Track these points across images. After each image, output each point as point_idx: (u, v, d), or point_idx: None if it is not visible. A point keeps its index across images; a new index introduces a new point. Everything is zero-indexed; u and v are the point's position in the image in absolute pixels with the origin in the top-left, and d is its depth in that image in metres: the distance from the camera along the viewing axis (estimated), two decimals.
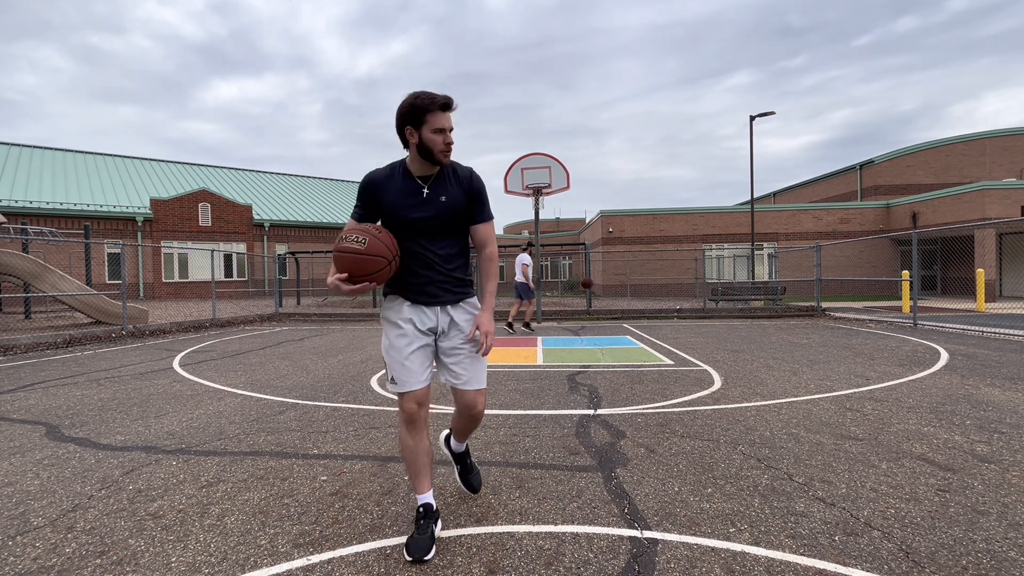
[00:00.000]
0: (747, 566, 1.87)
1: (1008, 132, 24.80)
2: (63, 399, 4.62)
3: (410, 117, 1.95)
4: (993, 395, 4.39)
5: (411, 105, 1.95)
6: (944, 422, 3.62)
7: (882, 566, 1.85)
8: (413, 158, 2.03)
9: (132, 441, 3.41)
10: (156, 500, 2.49)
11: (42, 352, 7.80)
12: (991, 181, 21.32)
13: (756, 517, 2.24)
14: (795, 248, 16.96)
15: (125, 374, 5.86)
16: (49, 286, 10.60)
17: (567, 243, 26.16)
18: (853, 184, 26.95)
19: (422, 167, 2.03)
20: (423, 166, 2.03)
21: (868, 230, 22.11)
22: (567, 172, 12.18)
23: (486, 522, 2.24)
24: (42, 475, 2.83)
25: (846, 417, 3.76)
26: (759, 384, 4.94)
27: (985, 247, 17.44)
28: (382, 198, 2.03)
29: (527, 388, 4.88)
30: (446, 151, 1.98)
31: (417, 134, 1.96)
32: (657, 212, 22.78)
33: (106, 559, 1.97)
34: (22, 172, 23.63)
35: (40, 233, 16.31)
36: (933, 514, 2.25)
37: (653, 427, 3.58)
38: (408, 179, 2.03)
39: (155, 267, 23.20)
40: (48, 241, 11.12)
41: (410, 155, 2.04)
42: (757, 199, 35.29)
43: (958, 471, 2.73)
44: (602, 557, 1.94)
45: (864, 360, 6.26)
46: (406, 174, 2.04)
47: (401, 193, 2.01)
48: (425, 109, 1.93)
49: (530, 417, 3.88)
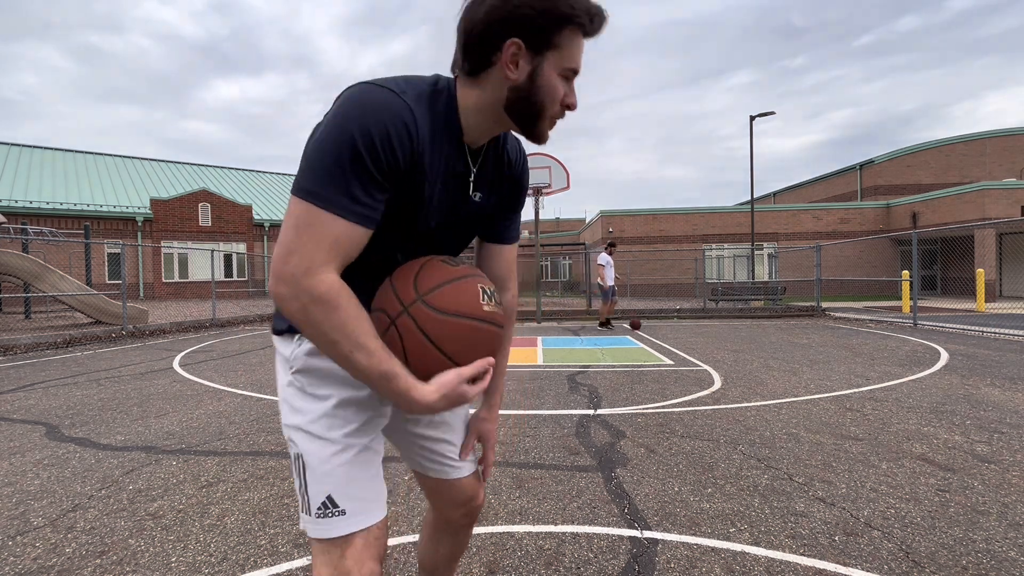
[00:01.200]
0: (747, 566, 1.87)
1: (1008, 132, 24.80)
2: (63, 399, 4.62)
3: (529, 24, 0.87)
4: (993, 395, 4.39)
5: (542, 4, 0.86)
6: (944, 422, 3.62)
7: (882, 566, 1.86)
8: (484, 109, 0.94)
9: (132, 441, 3.41)
10: (156, 500, 2.49)
11: (42, 352, 7.79)
12: (991, 181, 21.32)
13: (756, 517, 2.24)
14: (795, 248, 16.98)
15: (125, 374, 5.86)
16: (49, 286, 10.61)
17: (567, 243, 26.16)
18: (853, 184, 26.94)
19: (486, 131, 0.98)
20: (490, 129, 0.98)
21: (868, 230, 22.10)
22: (567, 172, 12.18)
23: (486, 522, 2.24)
24: (42, 475, 2.83)
25: (846, 417, 3.76)
26: (759, 384, 4.94)
27: (985, 247, 17.43)
28: (420, 178, 0.93)
29: (527, 388, 4.88)
30: (560, 116, 0.96)
31: (532, 64, 0.90)
32: (657, 212, 22.78)
33: (106, 559, 1.97)
34: (22, 172, 23.63)
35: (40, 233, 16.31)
36: (933, 514, 2.25)
37: (653, 427, 3.58)
38: (457, 149, 0.97)
39: (155, 267, 23.19)
40: (48, 241, 11.13)
41: (477, 98, 0.94)
42: (757, 199, 35.28)
43: (958, 471, 2.73)
44: (602, 557, 1.94)
45: (864, 360, 6.26)
46: (454, 137, 0.96)
47: (450, 176, 0.99)
48: (567, 19, 0.88)
49: (530, 417, 3.88)
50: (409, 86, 0.91)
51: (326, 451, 0.97)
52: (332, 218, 0.84)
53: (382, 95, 0.87)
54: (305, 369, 1.01)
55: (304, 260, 0.83)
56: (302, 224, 0.84)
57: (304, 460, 0.97)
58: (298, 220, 0.84)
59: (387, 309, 0.93)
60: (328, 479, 0.96)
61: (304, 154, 0.88)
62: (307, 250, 0.84)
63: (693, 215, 22.63)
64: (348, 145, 0.83)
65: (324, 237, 0.85)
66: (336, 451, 0.97)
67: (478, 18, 0.89)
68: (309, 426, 0.98)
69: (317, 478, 0.96)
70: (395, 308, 0.92)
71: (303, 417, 0.99)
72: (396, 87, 0.89)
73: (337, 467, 0.97)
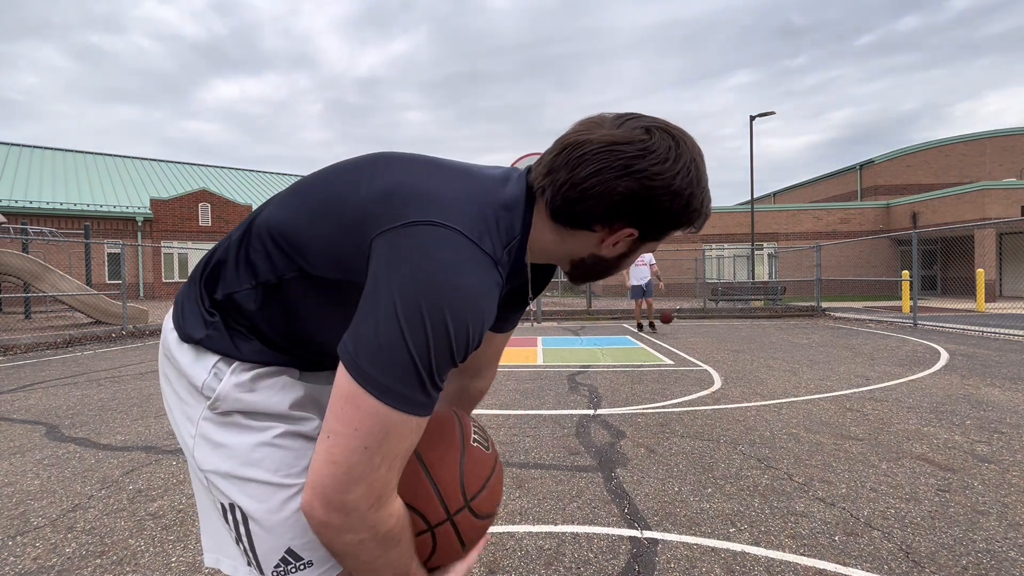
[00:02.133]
0: (747, 566, 1.87)
1: (1008, 132, 24.80)
2: (63, 399, 4.62)
3: (654, 213, 0.75)
4: (993, 395, 4.39)
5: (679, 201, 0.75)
6: (944, 422, 3.62)
7: (882, 566, 1.86)
8: (553, 253, 0.84)
9: (132, 441, 3.41)
10: (156, 500, 2.49)
11: (42, 352, 7.79)
12: (991, 181, 21.31)
13: (756, 517, 2.24)
14: (795, 248, 16.98)
15: (125, 374, 5.86)
16: (49, 286, 10.61)
17: None
18: (853, 184, 26.94)
19: (543, 258, 0.86)
20: (547, 256, 0.85)
21: (868, 230, 22.10)
22: None
23: None
24: (42, 475, 2.83)
25: (846, 417, 3.76)
26: (759, 384, 4.94)
27: (985, 247, 17.43)
28: None
29: (527, 388, 4.88)
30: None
31: (630, 248, 0.83)
32: None
33: (106, 559, 1.97)
34: (22, 172, 23.63)
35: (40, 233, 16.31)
36: (933, 514, 2.25)
37: (653, 427, 3.58)
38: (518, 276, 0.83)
39: (155, 267, 23.19)
40: (48, 241, 11.13)
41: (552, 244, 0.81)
42: (757, 199, 35.28)
43: (958, 471, 2.73)
44: (602, 557, 1.94)
45: (864, 360, 6.26)
46: (523, 271, 0.84)
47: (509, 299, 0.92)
48: (687, 224, 0.81)
49: (530, 417, 3.88)
50: (488, 225, 0.71)
51: (276, 498, 0.75)
52: (408, 420, 0.65)
53: (478, 272, 0.67)
54: (237, 407, 0.78)
55: (375, 489, 0.64)
56: (376, 434, 0.62)
57: (245, 512, 0.75)
58: (371, 429, 0.62)
59: (427, 514, 0.78)
60: (285, 530, 0.75)
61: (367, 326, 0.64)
62: (380, 475, 0.64)
63: None
64: (443, 340, 0.64)
65: (401, 451, 0.65)
66: (290, 495, 0.75)
67: (608, 190, 0.71)
68: (245, 470, 0.75)
69: (269, 531, 0.75)
70: (438, 515, 0.78)
71: (234, 459, 0.76)
72: (488, 245, 0.70)
73: (293, 513, 0.75)
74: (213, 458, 0.77)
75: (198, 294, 0.82)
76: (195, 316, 0.81)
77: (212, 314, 0.80)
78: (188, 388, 0.80)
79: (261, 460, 0.76)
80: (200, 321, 0.80)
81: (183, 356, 0.80)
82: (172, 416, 0.83)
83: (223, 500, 0.77)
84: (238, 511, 0.76)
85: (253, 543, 0.76)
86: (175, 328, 0.82)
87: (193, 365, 0.79)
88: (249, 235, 0.80)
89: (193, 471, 0.82)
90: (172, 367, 0.82)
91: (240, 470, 0.76)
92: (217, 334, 0.79)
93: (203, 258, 0.85)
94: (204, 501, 0.84)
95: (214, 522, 0.83)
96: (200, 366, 0.79)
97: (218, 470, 0.77)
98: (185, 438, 0.80)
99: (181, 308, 0.83)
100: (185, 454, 0.82)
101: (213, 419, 0.78)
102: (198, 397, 0.79)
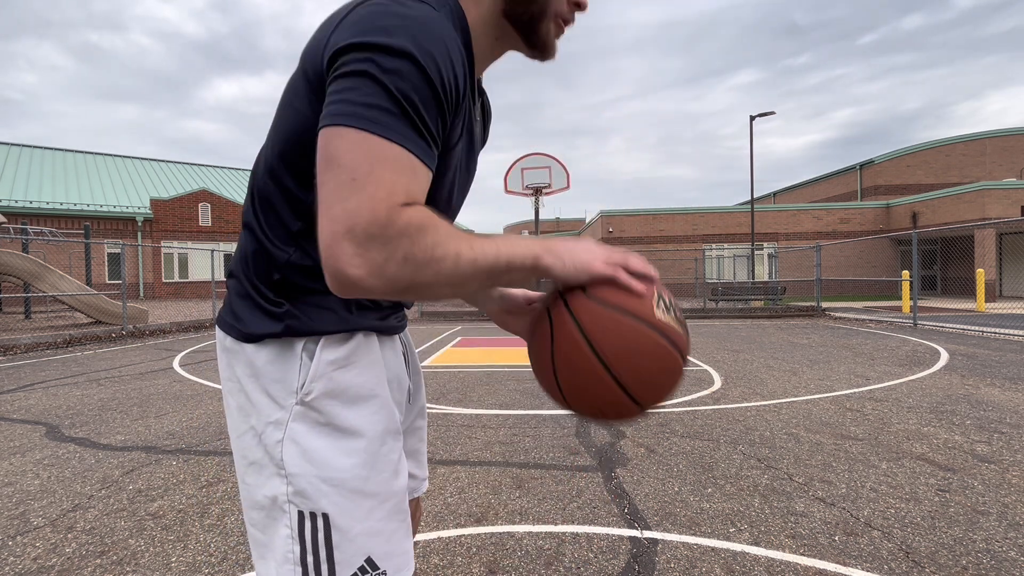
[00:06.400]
0: (747, 566, 1.87)
1: (1008, 132, 24.80)
2: (63, 399, 4.62)
3: None
4: (993, 395, 4.39)
5: None
6: (944, 422, 3.62)
7: (882, 566, 1.86)
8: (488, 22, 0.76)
9: (132, 441, 3.41)
10: (156, 500, 2.49)
11: (42, 352, 7.79)
12: (991, 181, 21.31)
13: (756, 517, 2.24)
14: (795, 248, 16.98)
15: (125, 374, 5.86)
16: (49, 286, 10.61)
17: None
18: (853, 184, 26.94)
19: (487, 55, 0.81)
20: (491, 51, 0.80)
21: (868, 230, 22.10)
22: (567, 172, 12.19)
23: (486, 522, 2.24)
24: (42, 475, 2.83)
25: (846, 417, 3.76)
26: (759, 384, 4.94)
27: (985, 247, 17.43)
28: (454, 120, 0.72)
29: (527, 388, 4.88)
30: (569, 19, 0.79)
31: None
32: (657, 212, 22.77)
33: (106, 559, 1.97)
34: (22, 172, 23.62)
35: (40, 233, 16.31)
36: (933, 514, 2.25)
37: (653, 427, 3.58)
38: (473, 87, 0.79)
39: (155, 267, 23.19)
40: (48, 241, 11.13)
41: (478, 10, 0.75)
42: (757, 199, 35.28)
43: (958, 471, 2.73)
44: (602, 557, 1.94)
45: (864, 360, 6.26)
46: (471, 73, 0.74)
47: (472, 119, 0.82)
48: None
49: (530, 417, 3.88)
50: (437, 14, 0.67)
51: (365, 505, 0.74)
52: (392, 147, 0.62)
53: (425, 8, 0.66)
54: (331, 392, 0.74)
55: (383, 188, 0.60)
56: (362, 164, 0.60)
57: (329, 519, 0.72)
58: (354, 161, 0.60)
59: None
60: (369, 539, 0.73)
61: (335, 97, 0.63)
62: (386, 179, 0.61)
63: (693, 215, 22.63)
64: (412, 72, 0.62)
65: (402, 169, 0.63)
66: (377, 503, 0.74)
67: None
68: (342, 475, 0.73)
69: (352, 539, 0.73)
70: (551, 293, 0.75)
71: (325, 465, 0.73)
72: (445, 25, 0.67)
73: (378, 521, 0.74)
74: (303, 463, 0.73)
75: (246, 290, 0.77)
76: (255, 312, 0.76)
77: (279, 304, 0.75)
78: (271, 390, 0.75)
79: (358, 465, 0.74)
80: (264, 314, 0.75)
81: (259, 357, 0.75)
82: (244, 425, 0.76)
83: (303, 508, 0.73)
84: (319, 519, 0.72)
85: (332, 552, 0.72)
86: (232, 333, 0.77)
87: (275, 361, 0.74)
88: (255, 196, 0.77)
89: (253, 487, 0.75)
90: (247, 373, 0.76)
91: (338, 477, 0.73)
92: (293, 319, 0.74)
93: (235, 259, 0.79)
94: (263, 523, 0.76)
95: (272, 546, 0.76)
96: (282, 360, 0.74)
97: (307, 474, 0.72)
98: (267, 447, 0.74)
99: (234, 313, 0.77)
100: (242, 472, 0.77)
101: (306, 418, 0.73)
102: (286, 395, 0.74)
